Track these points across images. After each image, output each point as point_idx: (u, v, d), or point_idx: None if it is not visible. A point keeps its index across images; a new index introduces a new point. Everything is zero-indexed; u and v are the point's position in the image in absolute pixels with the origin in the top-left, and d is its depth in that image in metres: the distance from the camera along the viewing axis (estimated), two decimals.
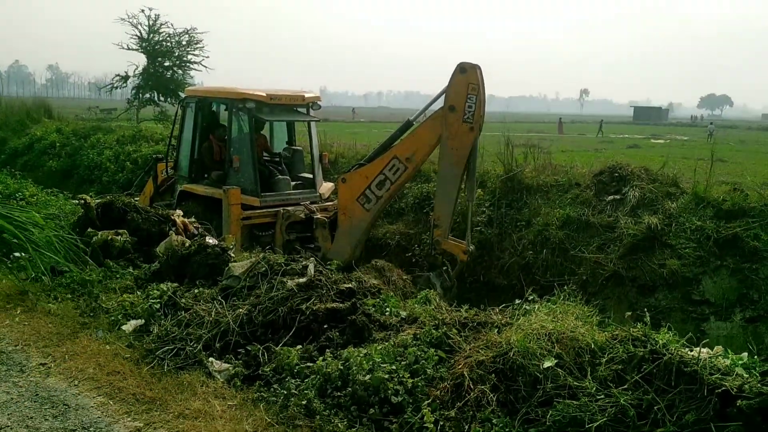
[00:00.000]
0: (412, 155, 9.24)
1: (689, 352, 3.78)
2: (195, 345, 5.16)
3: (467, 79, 8.76)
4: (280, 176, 11.14)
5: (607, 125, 58.27)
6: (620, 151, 28.95)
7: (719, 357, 3.82)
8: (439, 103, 9.19)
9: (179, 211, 8.68)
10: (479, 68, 8.79)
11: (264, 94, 10.53)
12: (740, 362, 3.82)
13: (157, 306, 5.84)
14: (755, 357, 4.05)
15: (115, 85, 29.09)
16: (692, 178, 10.46)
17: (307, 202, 10.92)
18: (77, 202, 8.99)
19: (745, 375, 3.60)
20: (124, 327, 5.66)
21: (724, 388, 3.34)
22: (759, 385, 3.34)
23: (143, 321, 5.67)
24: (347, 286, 5.88)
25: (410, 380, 4.40)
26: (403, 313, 5.63)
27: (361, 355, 4.65)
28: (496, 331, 4.89)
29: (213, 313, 5.49)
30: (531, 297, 5.22)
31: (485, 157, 13.18)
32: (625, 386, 3.67)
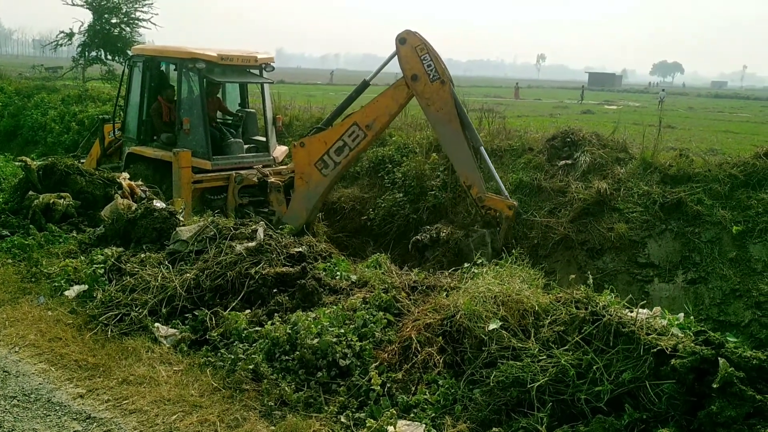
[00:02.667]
0: (372, 122, 9.14)
1: (628, 314, 3.88)
2: (140, 310, 5.08)
3: (411, 45, 8.72)
4: (232, 139, 10.91)
5: (564, 90, 58.75)
6: (574, 116, 29.27)
7: (656, 318, 3.93)
8: (394, 65, 9.08)
9: (126, 174, 8.44)
10: (415, 32, 8.77)
11: (215, 54, 10.23)
12: (676, 322, 3.95)
13: (101, 271, 5.71)
14: (690, 317, 4.19)
15: (60, 43, 27.86)
16: (641, 144, 10.66)
17: (260, 166, 10.75)
18: (18, 164, 8.65)
19: (680, 335, 3.71)
20: (66, 293, 5.52)
21: (659, 348, 3.44)
22: (692, 344, 3.46)
23: (87, 287, 5.54)
24: (297, 250, 5.84)
25: (358, 343, 4.42)
26: (354, 277, 5.63)
27: (310, 318, 4.64)
28: (444, 294, 4.94)
29: (159, 278, 5.39)
30: (480, 260, 5.28)
31: None
32: (566, 347, 3.76)
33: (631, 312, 3.93)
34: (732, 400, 3.17)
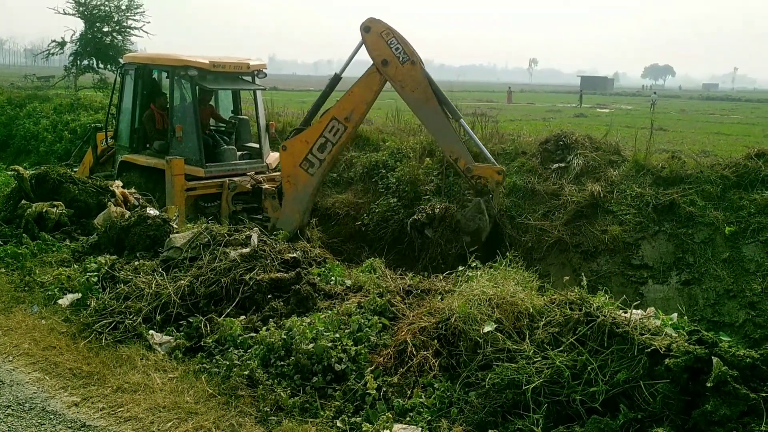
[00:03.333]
0: (350, 114, 9.17)
1: (622, 314, 3.89)
2: (134, 318, 5.07)
3: (376, 31, 8.80)
4: (225, 146, 10.89)
5: (556, 95, 58.95)
6: (567, 120, 29.37)
7: (650, 318, 3.95)
8: (363, 54, 9.12)
9: (119, 182, 8.43)
10: (378, 18, 8.86)
11: (207, 62, 10.22)
12: (670, 323, 3.97)
13: (95, 279, 5.70)
14: (684, 317, 4.21)
15: (51, 52, 27.77)
16: (634, 147, 10.70)
17: (254, 173, 10.74)
18: (10, 173, 8.62)
19: (673, 335, 3.73)
20: (60, 301, 5.51)
21: (653, 348, 3.45)
22: (686, 344, 3.47)
23: (80, 295, 5.53)
24: (292, 255, 5.84)
25: (353, 348, 4.42)
26: (348, 282, 5.64)
27: (305, 324, 4.64)
28: (439, 297, 4.95)
29: (153, 285, 5.38)
30: (474, 264, 5.28)
31: None
32: (561, 348, 3.77)
33: (625, 313, 3.94)
34: (726, 399, 3.18)
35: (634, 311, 3.94)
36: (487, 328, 4.06)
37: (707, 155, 11.41)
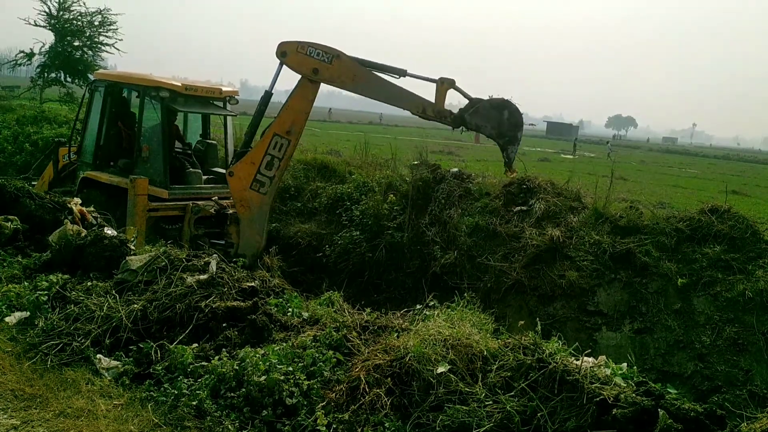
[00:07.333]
0: (291, 128, 9.24)
1: (574, 361, 3.95)
2: (83, 341, 4.92)
3: (292, 51, 8.97)
4: (191, 169, 10.82)
5: (522, 138, 59.81)
6: (531, 163, 29.85)
7: (601, 367, 4.01)
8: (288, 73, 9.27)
9: (77, 199, 8.26)
10: (286, 41, 9.06)
11: (179, 84, 10.22)
12: (619, 372, 4.04)
13: (45, 298, 5.53)
14: (633, 368, 4.29)
15: (18, 62, 27.38)
16: (594, 194, 10.94)
17: (218, 198, 10.66)
18: None
19: (623, 384, 3.80)
20: (7, 319, 5.32)
21: (602, 397, 3.51)
22: (634, 395, 3.54)
23: (28, 313, 5.36)
24: (250, 284, 5.78)
25: (306, 382, 4.38)
26: (306, 314, 5.60)
27: (258, 355, 4.58)
28: (395, 335, 4.94)
29: (105, 308, 5.25)
30: (432, 303, 5.31)
31: (401, 161, 13.34)
32: (513, 393, 3.80)
33: (577, 360, 4.00)
34: None
35: (585, 359, 4.00)
36: (440, 369, 4.07)
37: (664, 207, 11.75)
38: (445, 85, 8.81)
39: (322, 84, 9.22)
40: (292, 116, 9.25)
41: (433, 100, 8.90)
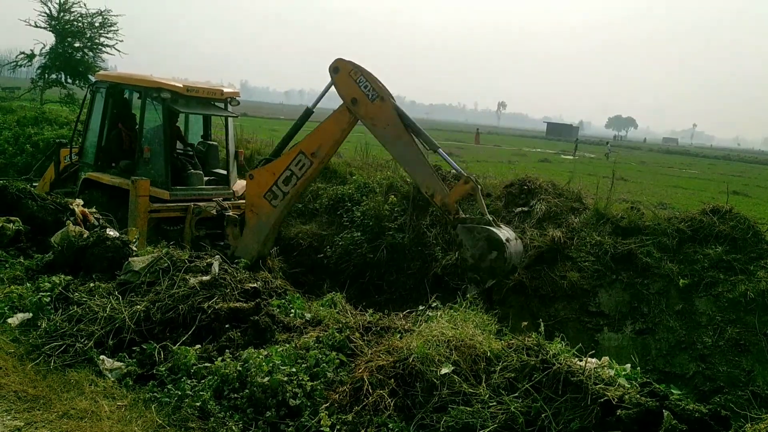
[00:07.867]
0: (317, 150, 9.10)
1: (578, 362, 3.95)
2: (86, 342, 4.93)
3: (344, 71, 8.77)
4: (193, 170, 10.81)
5: (522, 139, 60.11)
6: (532, 164, 29.97)
7: (604, 368, 4.02)
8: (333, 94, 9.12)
9: (79, 200, 8.26)
10: (348, 59, 8.83)
11: (180, 85, 10.21)
12: (623, 373, 4.04)
13: (48, 299, 5.53)
14: (637, 368, 4.29)
15: (19, 63, 27.41)
16: (595, 195, 10.94)
17: (220, 199, 10.67)
18: None
19: (626, 385, 3.80)
20: (9, 320, 5.32)
21: (606, 398, 3.51)
22: (638, 395, 3.54)
23: (31, 315, 5.36)
24: (252, 285, 5.78)
25: (309, 383, 4.38)
26: (308, 315, 5.60)
27: (261, 356, 4.58)
28: (398, 336, 4.94)
29: (108, 309, 5.25)
30: (434, 304, 5.31)
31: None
32: (516, 394, 3.80)
33: (581, 361, 4.00)
34: None
35: (589, 360, 4.00)
36: (444, 370, 4.07)
37: (665, 208, 11.76)
38: (468, 185, 8.36)
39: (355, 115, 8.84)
40: (321, 139, 9.05)
41: (448, 189, 8.52)
